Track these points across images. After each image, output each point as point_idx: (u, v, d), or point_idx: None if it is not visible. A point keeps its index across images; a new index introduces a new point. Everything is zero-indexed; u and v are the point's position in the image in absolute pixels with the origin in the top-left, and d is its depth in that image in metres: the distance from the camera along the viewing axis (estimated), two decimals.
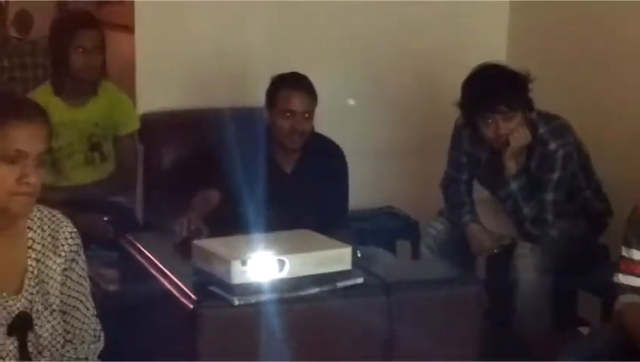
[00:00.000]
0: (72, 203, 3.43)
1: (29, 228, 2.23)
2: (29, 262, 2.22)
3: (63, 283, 2.27)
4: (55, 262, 2.25)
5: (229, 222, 3.30)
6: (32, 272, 2.22)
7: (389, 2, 4.37)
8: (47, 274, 2.24)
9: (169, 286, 2.82)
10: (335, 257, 2.83)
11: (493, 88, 3.41)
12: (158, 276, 2.91)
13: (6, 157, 2.06)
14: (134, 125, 3.99)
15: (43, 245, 2.24)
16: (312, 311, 2.76)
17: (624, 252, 2.92)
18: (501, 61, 3.69)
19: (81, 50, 3.79)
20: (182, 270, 2.87)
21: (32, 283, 2.21)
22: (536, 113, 3.48)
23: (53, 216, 2.28)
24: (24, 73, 4.26)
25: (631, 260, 2.89)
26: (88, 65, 3.82)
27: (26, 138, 2.09)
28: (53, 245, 2.25)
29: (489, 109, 3.38)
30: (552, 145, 3.43)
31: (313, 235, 2.96)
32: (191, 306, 2.68)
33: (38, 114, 2.17)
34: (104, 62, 3.90)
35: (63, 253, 2.26)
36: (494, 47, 4.28)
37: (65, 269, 2.26)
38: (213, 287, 2.71)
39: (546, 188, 3.44)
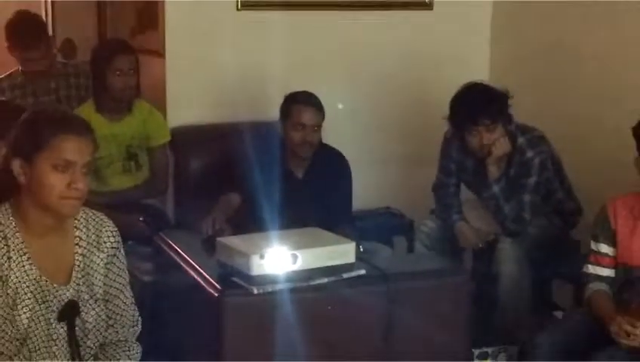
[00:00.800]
0: (112, 205, 3.40)
1: (76, 227, 2.22)
2: (76, 257, 2.21)
3: (106, 275, 2.26)
4: (99, 256, 2.24)
5: (248, 222, 3.29)
6: (79, 266, 2.21)
7: (388, 32, 4.35)
8: (91, 268, 2.23)
9: (197, 278, 2.82)
10: (341, 251, 2.82)
11: (477, 104, 3.38)
12: (187, 268, 2.90)
13: (57, 166, 2.06)
14: (166, 137, 3.96)
15: (88, 242, 2.23)
16: (321, 299, 2.74)
17: (593, 246, 2.91)
18: (484, 80, 3.67)
19: (118, 73, 3.77)
20: (208, 263, 2.86)
21: (79, 276, 2.20)
22: (515, 125, 3.45)
23: (97, 216, 2.28)
24: (69, 93, 4.24)
25: (598, 253, 2.90)
26: (124, 85, 3.80)
27: (74, 149, 2.09)
28: (97, 242, 2.25)
29: (474, 122, 3.36)
30: (529, 154, 3.41)
31: (321, 232, 2.95)
32: (216, 295, 2.68)
33: (85, 128, 2.16)
34: (138, 82, 3.88)
35: (105, 249, 2.25)
36: (478, 69, 4.23)
37: (107, 263, 2.25)
38: (235, 278, 2.70)
39: (524, 191, 3.41)
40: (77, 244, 2.21)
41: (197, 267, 2.86)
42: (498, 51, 4.48)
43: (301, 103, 3.49)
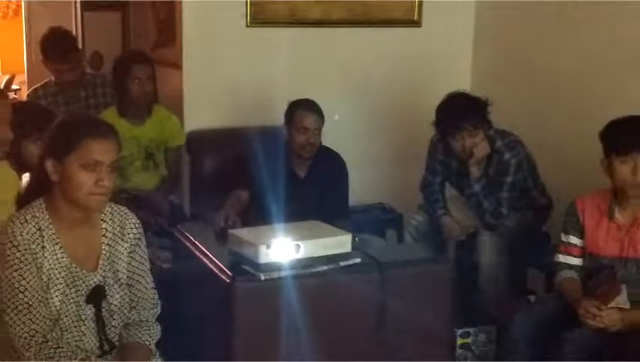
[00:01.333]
0: (134, 200, 3.42)
1: (102, 220, 2.24)
2: (103, 246, 2.22)
3: (129, 263, 2.27)
4: (123, 246, 2.26)
5: (256, 215, 3.31)
6: (105, 254, 2.22)
7: (381, 47, 4.36)
8: (116, 256, 2.25)
9: (210, 265, 2.81)
10: (338, 242, 2.82)
11: (460, 112, 3.38)
12: (201, 257, 2.89)
13: (86, 165, 2.07)
14: (181, 140, 3.97)
15: (113, 233, 2.25)
16: (321, 284, 2.74)
17: (563, 237, 2.93)
18: (466, 90, 3.67)
19: (136, 80, 3.79)
20: (220, 252, 2.86)
21: (105, 263, 2.22)
22: (494, 130, 3.45)
23: (121, 210, 2.29)
24: (97, 101, 4.24)
25: (568, 244, 2.91)
26: (142, 92, 3.81)
27: (101, 150, 2.10)
28: (121, 233, 2.26)
29: (457, 128, 3.36)
30: (507, 156, 3.41)
31: (321, 225, 2.94)
32: (227, 281, 2.67)
33: (111, 132, 2.17)
34: (155, 89, 3.90)
35: (128, 239, 2.27)
36: (460, 80, 4.22)
37: (130, 252, 2.27)
38: (244, 266, 2.70)
39: (502, 189, 3.42)
40: (103, 235, 2.23)
41: (210, 256, 2.85)
42: (479, 63, 4.48)
43: (303, 109, 3.49)
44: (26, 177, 2.79)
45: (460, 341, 3.03)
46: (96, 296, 2.18)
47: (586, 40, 3.76)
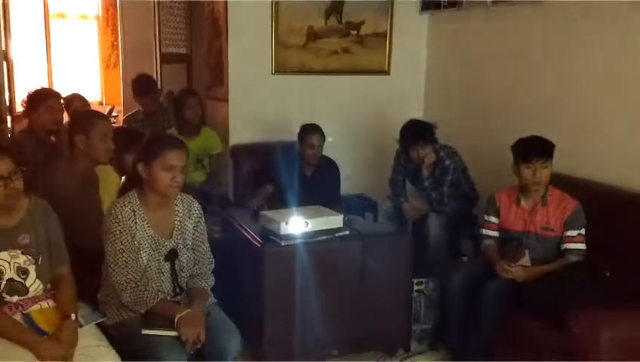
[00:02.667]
0: (191, 191, 3.43)
1: (175, 204, 2.27)
2: (175, 222, 2.25)
3: (193, 233, 2.30)
4: (189, 222, 2.28)
5: (278, 202, 3.29)
6: (177, 227, 2.25)
7: (362, 88, 4.35)
8: (185, 228, 2.27)
9: (247, 236, 2.82)
10: (333, 220, 2.83)
11: (416, 132, 3.38)
12: (241, 230, 2.91)
13: (165, 168, 2.09)
14: (219, 149, 3.96)
15: (183, 213, 2.27)
16: (322, 248, 2.74)
17: (485, 217, 2.95)
18: (420, 117, 3.69)
19: (188, 108, 3.80)
20: (254, 227, 2.86)
21: (177, 233, 2.24)
22: (439, 144, 3.44)
23: (188, 197, 2.32)
24: (169, 124, 4.22)
25: (489, 222, 2.93)
26: (193, 116, 3.82)
27: (175, 158, 2.13)
28: (189, 213, 2.29)
29: (413, 143, 3.37)
30: (447, 162, 3.40)
31: (322, 208, 2.95)
32: (259, 246, 2.69)
33: (182, 145, 2.21)
34: (203, 115, 3.89)
35: (194, 217, 2.29)
36: (416, 111, 4.25)
37: (194, 225, 2.30)
38: (270, 236, 2.71)
39: (444, 185, 3.41)
40: (176, 214, 2.25)
41: (247, 229, 2.86)
42: (428, 98, 4.47)
43: (310, 131, 3.48)
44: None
45: (415, 287, 3.03)
46: (171, 256, 2.21)
47: (500, 85, 3.76)
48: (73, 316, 2.01)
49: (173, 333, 2.02)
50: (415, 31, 4.39)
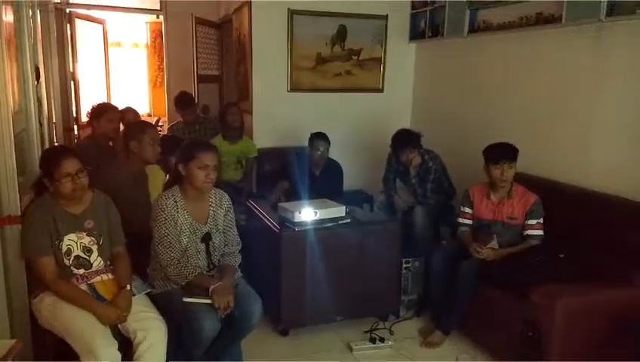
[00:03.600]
0: (228, 186, 3.42)
1: (209, 196, 2.24)
2: (209, 211, 2.23)
3: (224, 220, 2.28)
4: (221, 211, 2.27)
5: (292, 195, 3.28)
6: (211, 215, 2.24)
7: (361, 103, 4.32)
8: (217, 216, 2.26)
9: (267, 223, 2.80)
10: (338, 210, 2.81)
11: (404, 139, 3.35)
12: (263, 218, 2.89)
13: (200, 167, 2.07)
14: (256, 153, 3.92)
15: (215, 203, 2.26)
16: (329, 233, 2.72)
17: (461, 208, 2.93)
18: (408, 127, 3.66)
19: (230, 118, 3.75)
20: (273, 215, 2.84)
21: (211, 220, 2.23)
22: (424, 149, 3.41)
23: (220, 191, 2.31)
24: (205, 132, 4.21)
25: (464, 212, 2.91)
26: (234, 121, 3.76)
27: (209, 158, 2.12)
28: (220, 203, 2.27)
29: (403, 148, 3.34)
30: (430, 164, 3.37)
31: (328, 201, 2.92)
32: (277, 231, 2.66)
33: (214, 148, 2.19)
34: (242, 121, 3.84)
35: (224, 207, 2.28)
36: (404, 121, 4.25)
37: (225, 214, 2.28)
38: (286, 223, 2.69)
39: (427, 182, 3.38)
40: (210, 205, 2.23)
41: (268, 217, 2.84)
42: (415, 112, 4.44)
43: (318, 138, 3.46)
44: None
45: (404, 265, 3.02)
46: (206, 238, 2.20)
47: (472, 101, 3.73)
48: (128, 286, 2.03)
49: (207, 301, 2.03)
50: (404, 56, 4.37)
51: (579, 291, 2.32)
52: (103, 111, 3.30)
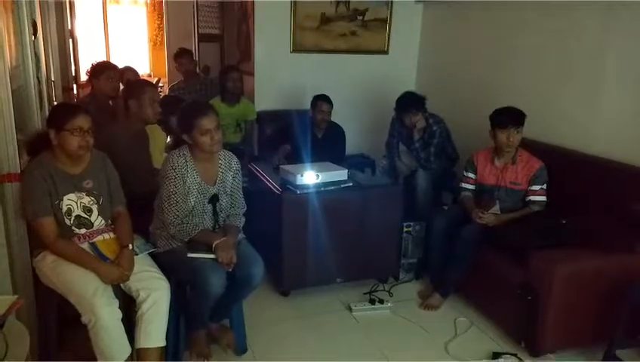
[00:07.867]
0: (231, 149, 3.40)
1: (219, 158, 2.21)
2: (218, 173, 2.21)
3: (232, 182, 2.26)
4: (229, 173, 2.25)
5: (294, 158, 3.24)
6: (219, 177, 2.22)
7: (366, 65, 4.21)
8: (225, 178, 2.24)
9: (269, 185, 2.78)
10: (340, 174, 2.79)
11: (409, 102, 3.29)
12: (265, 180, 2.87)
13: (203, 133, 2.04)
14: (254, 116, 3.87)
15: (224, 166, 2.24)
16: (330, 196, 2.71)
17: (464, 173, 2.90)
18: (413, 89, 3.57)
19: (231, 80, 3.68)
20: (275, 178, 2.83)
21: (219, 181, 2.21)
22: (428, 113, 3.36)
23: (229, 153, 2.28)
24: (206, 92, 4.16)
25: (467, 177, 2.88)
26: (234, 87, 3.70)
27: (208, 122, 2.08)
28: (229, 165, 2.25)
29: (407, 111, 3.28)
30: (434, 127, 3.32)
31: (330, 164, 2.91)
32: (279, 193, 2.65)
33: (211, 109, 2.13)
34: (242, 86, 3.78)
35: (233, 169, 2.26)
36: (409, 84, 4.16)
37: (233, 176, 2.26)
38: (288, 186, 2.68)
39: (431, 146, 3.33)
40: (219, 166, 2.21)
41: (270, 180, 2.83)
42: (420, 74, 4.35)
43: (321, 100, 3.41)
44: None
45: (405, 229, 3.03)
46: (214, 199, 2.19)
47: (479, 65, 3.63)
48: (130, 246, 2.02)
49: (211, 256, 2.03)
50: (411, 18, 4.24)
51: (578, 257, 2.31)
52: (102, 69, 3.22)
